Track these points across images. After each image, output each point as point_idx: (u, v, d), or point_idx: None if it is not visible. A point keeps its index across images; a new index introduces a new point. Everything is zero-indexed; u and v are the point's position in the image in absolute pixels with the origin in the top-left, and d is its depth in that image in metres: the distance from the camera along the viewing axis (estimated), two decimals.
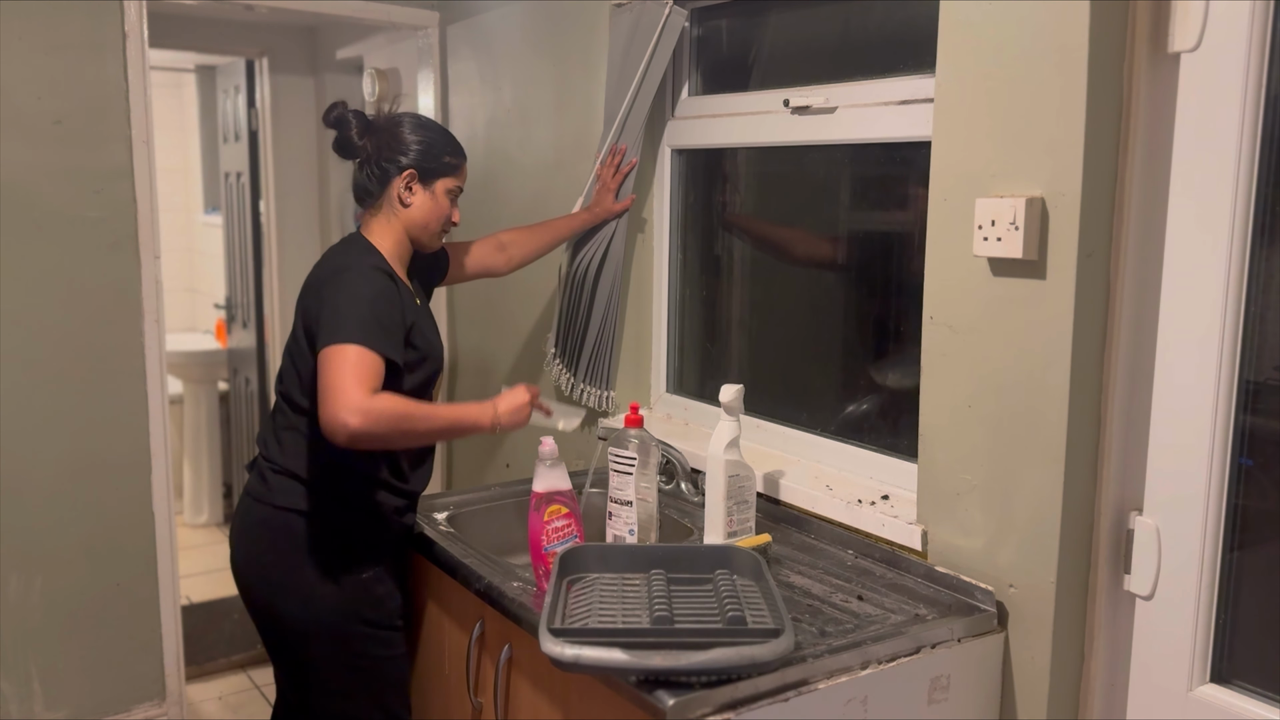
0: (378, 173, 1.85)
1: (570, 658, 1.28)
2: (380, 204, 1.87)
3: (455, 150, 1.91)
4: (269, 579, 1.82)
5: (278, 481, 1.82)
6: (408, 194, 1.85)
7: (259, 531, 1.83)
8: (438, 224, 1.89)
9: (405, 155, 1.84)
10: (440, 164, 1.86)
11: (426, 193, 1.86)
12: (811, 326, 2.14)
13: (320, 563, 1.78)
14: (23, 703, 2.47)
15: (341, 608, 1.79)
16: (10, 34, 2.31)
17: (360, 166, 1.88)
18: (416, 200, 1.85)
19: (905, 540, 1.69)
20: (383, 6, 2.92)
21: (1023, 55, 1.44)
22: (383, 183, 1.85)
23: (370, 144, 1.86)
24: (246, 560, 1.86)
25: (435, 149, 1.86)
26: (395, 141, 1.84)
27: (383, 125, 1.87)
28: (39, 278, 2.39)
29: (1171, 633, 1.45)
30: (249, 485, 1.88)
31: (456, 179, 1.90)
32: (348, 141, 1.87)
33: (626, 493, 1.76)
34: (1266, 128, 1.32)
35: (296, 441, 1.81)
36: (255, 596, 1.86)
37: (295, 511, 1.79)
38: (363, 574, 1.80)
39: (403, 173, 1.84)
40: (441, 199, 1.87)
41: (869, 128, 1.85)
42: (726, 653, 1.28)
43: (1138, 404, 1.47)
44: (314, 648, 1.81)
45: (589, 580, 1.55)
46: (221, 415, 4.61)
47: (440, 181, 1.87)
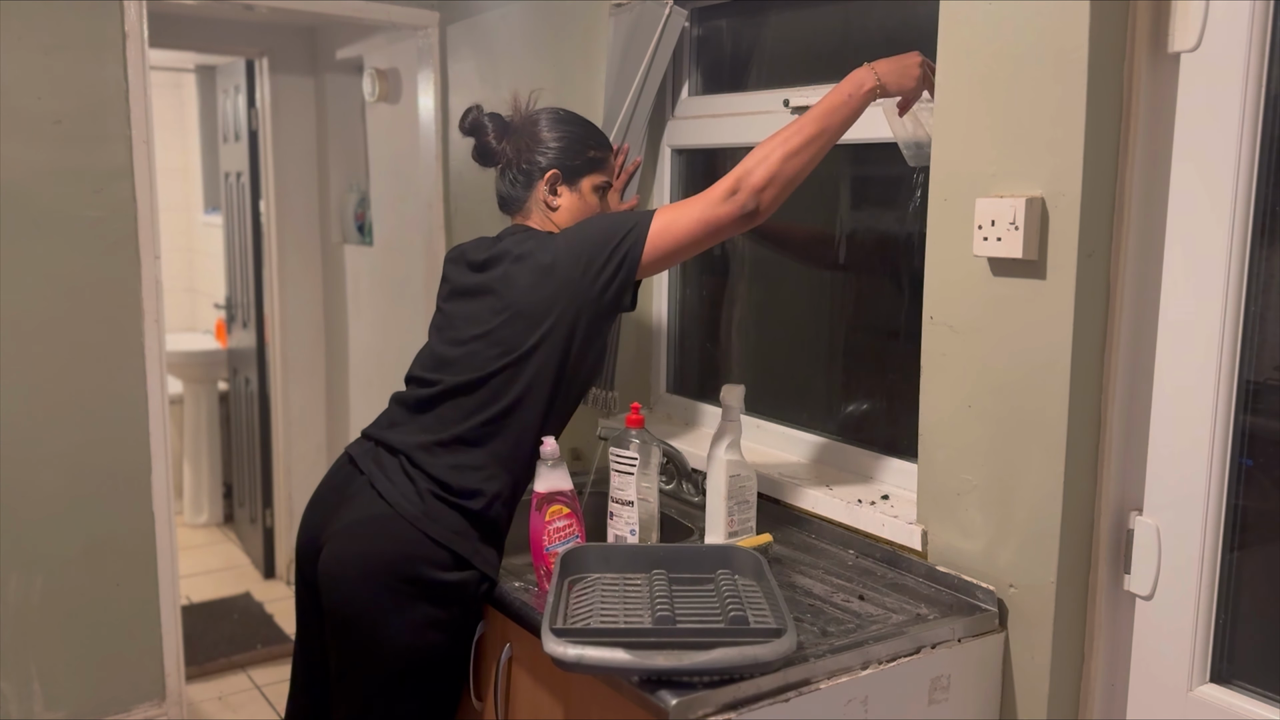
0: (521, 178, 1.76)
1: (573, 658, 1.28)
2: (529, 208, 1.77)
3: (600, 143, 1.80)
4: (384, 603, 1.60)
5: (439, 510, 1.61)
6: (554, 197, 1.76)
7: (402, 549, 1.60)
8: None
9: (545, 155, 1.75)
10: (585, 160, 1.77)
11: (573, 193, 1.77)
12: (812, 326, 2.15)
13: (449, 607, 1.62)
14: (23, 703, 2.47)
15: (444, 652, 1.65)
16: (10, 34, 2.31)
17: (502, 173, 1.79)
18: (564, 202, 1.76)
19: (905, 540, 1.69)
20: (383, 6, 2.92)
21: (1023, 55, 1.44)
22: (527, 187, 1.76)
23: (509, 147, 1.77)
24: (367, 573, 1.61)
25: (579, 144, 1.77)
26: (534, 141, 1.75)
27: (520, 125, 1.78)
28: (39, 278, 2.39)
29: (1171, 633, 1.45)
30: (385, 488, 1.64)
31: (603, 174, 1.80)
32: (486, 148, 1.79)
33: (628, 493, 1.75)
34: (1266, 128, 1.32)
35: (474, 473, 1.63)
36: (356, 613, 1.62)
37: (448, 549, 1.60)
38: (475, 622, 1.67)
39: (545, 174, 1.75)
40: (589, 197, 1.78)
41: (869, 128, 1.84)
42: (729, 653, 1.28)
43: (1138, 404, 1.47)
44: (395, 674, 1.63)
45: (590, 580, 1.55)
46: (221, 415, 4.61)
47: (586, 179, 1.77)
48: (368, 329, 3.71)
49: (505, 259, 1.69)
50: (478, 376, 1.65)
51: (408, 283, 3.32)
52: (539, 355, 1.64)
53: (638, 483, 1.75)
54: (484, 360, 1.65)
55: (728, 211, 1.59)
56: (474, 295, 1.72)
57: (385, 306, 3.56)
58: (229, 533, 4.55)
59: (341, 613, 1.65)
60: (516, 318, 1.64)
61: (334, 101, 3.79)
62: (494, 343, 1.65)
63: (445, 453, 1.65)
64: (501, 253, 1.71)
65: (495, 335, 1.65)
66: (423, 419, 1.69)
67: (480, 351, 1.66)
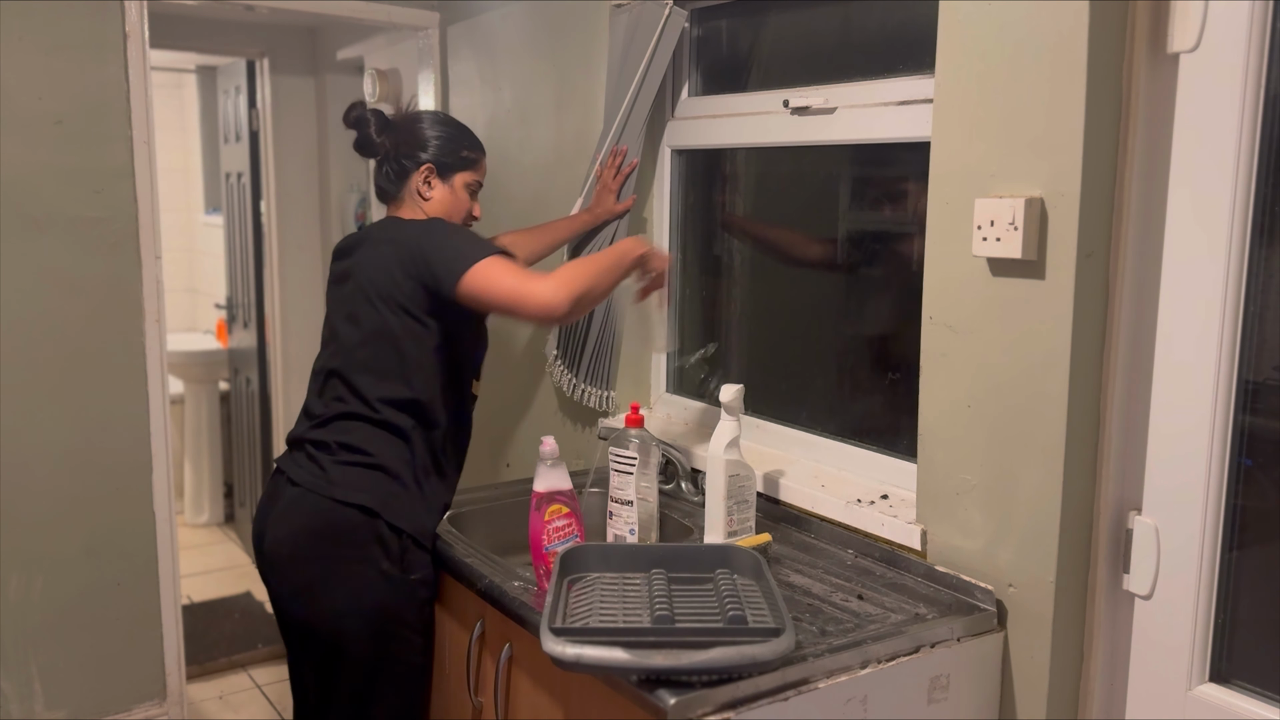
0: (396, 169, 1.90)
1: (571, 657, 1.28)
2: (403, 198, 1.91)
3: (473, 145, 1.95)
4: (315, 571, 1.78)
5: (342, 474, 1.78)
6: (426, 188, 1.89)
7: (313, 521, 1.78)
8: (458, 217, 1.92)
9: (424, 150, 1.89)
10: (458, 158, 1.91)
11: (445, 186, 1.91)
12: (811, 326, 2.15)
13: (376, 560, 1.74)
14: (23, 702, 2.47)
15: (385, 607, 1.76)
16: (10, 34, 2.31)
17: (380, 164, 1.93)
18: (436, 194, 1.90)
19: (905, 540, 1.69)
20: (383, 7, 2.92)
21: (1022, 55, 1.44)
22: (401, 178, 1.90)
23: (389, 141, 1.90)
24: (291, 550, 1.80)
25: (453, 143, 1.91)
26: (413, 138, 1.89)
27: (401, 122, 1.92)
28: (39, 277, 2.40)
29: (1170, 632, 1.45)
30: (295, 473, 1.82)
31: (475, 173, 1.94)
32: (367, 140, 1.91)
33: (627, 492, 1.76)
34: (1266, 128, 1.32)
35: (370, 433, 1.78)
36: (292, 588, 1.82)
37: (358, 507, 1.75)
38: (411, 575, 1.78)
39: (421, 167, 1.89)
40: (460, 193, 1.92)
41: (868, 128, 1.85)
42: (727, 652, 1.28)
43: (1137, 404, 1.47)
44: (351, 643, 1.77)
45: (590, 580, 1.55)
46: (222, 415, 4.62)
47: (459, 175, 1.92)
48: None
49: (365, 244, 1.87)
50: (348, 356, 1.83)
51: None
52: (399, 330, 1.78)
53: (637, 482, 1.75)
54: (353, 341, 1.82)
55: (540, 298, 1.67)
56: (340, 282, 1.90)
57: None
58: (229, 532, 4.55)
59: (286, 599, 1.83)
60: (368, 298, 1.80)
61: (334, 102, 3.79)
62: (356, 323, 1.82)
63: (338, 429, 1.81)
64: (363, 238, 1.90)
65: (357, 316, 1.82)
66: (315, 405, 1.87)
67: (349, 334, 1.83)
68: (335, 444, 1.80)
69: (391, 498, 1.77)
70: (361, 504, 1.75)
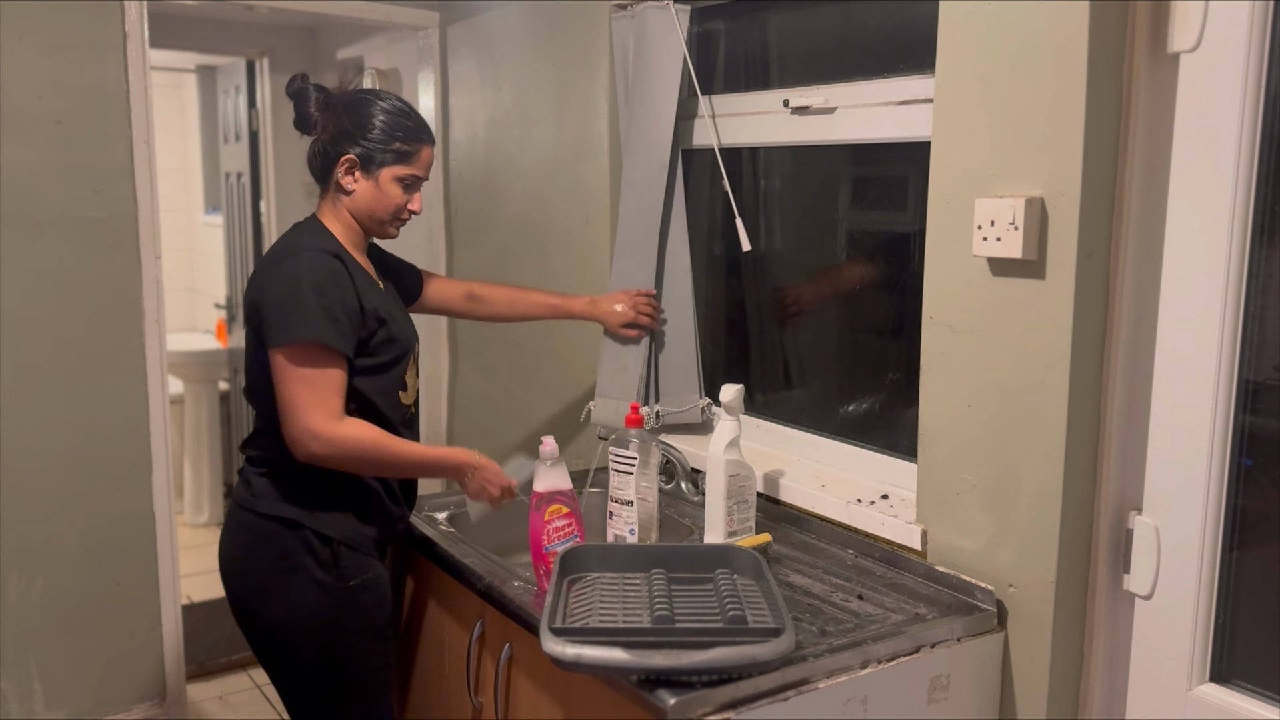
0: (322, 154, 1.77)
1: (571, 657, 1.28)
2: (327, 189, 1.79)
3: (410, 136, 1.76)
4: (252, 586, 1.76)
5: (261, 485, 1.75)
6: (350, 180, 1.75)
7: (242, 537, 1.77)
8: (385, 213, 1.77)
9: (351, 140, 1.73)
10: (388, 151, 1.74)
11: (369, 181, 1.75)
12: (812, 326, 2.15)
13: (305, 570, 1.71)
14: (23, 702, 2.47)
15: (325, 616, 1.72)
16: (10, 34, 2.31)
17: (311, 144, 1.80)
18: (358, 189, 1.75)
19: (905, 540, 1.69)
20: (383, 6, 2.92)
21: (1022, 55, 1.44)
22: (326, 166, 1.77)
23: (324, 120, 1.76)
24: (231, 567, 1.81)
25: (384, 134, 1.74)
26: (346, 123, 1.74)
27: (340, 102, 1.77)
28: (39, 277, 2.40)
29: (1171, 632, 1.45)
30: (235, 489, 1.82)
31: (409, 167, 1.76)
32: (305, 116, 1.78)
33: (627, 492, 1.76)
34: (1266, 128, 1.32)
35: (275, 444, 1.70)
36: (239, 603, 1.80)
37: (278, 519, 1.72)
38: (349, 582, 1.74)
39: (343, 158, 1.74)
40: (388, 187, 1.75)
41: (869, 128, 1.85)
42: (727, 652, 1.28)
43: (1137, 404, 1.47)
44: (298, 656, 1.75)
45: (590, 579, 1.55)
46: (222, 415, 4.61)
47: (387, 170, 1.74)
48: None
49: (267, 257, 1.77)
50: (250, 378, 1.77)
51: None
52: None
53: (637, 482, 1.75)
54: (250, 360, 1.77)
55: (301, 432, 1.62)
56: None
57: None
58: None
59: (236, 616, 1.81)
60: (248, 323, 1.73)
61: None
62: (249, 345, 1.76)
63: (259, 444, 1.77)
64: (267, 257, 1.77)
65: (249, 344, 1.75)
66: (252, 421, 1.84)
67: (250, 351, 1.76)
68: (258, 457, 1.76)
69: (316, 505, 1.72)
70: (283, 515, 1.72)
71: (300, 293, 1.62)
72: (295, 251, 1.68)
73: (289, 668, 1.78)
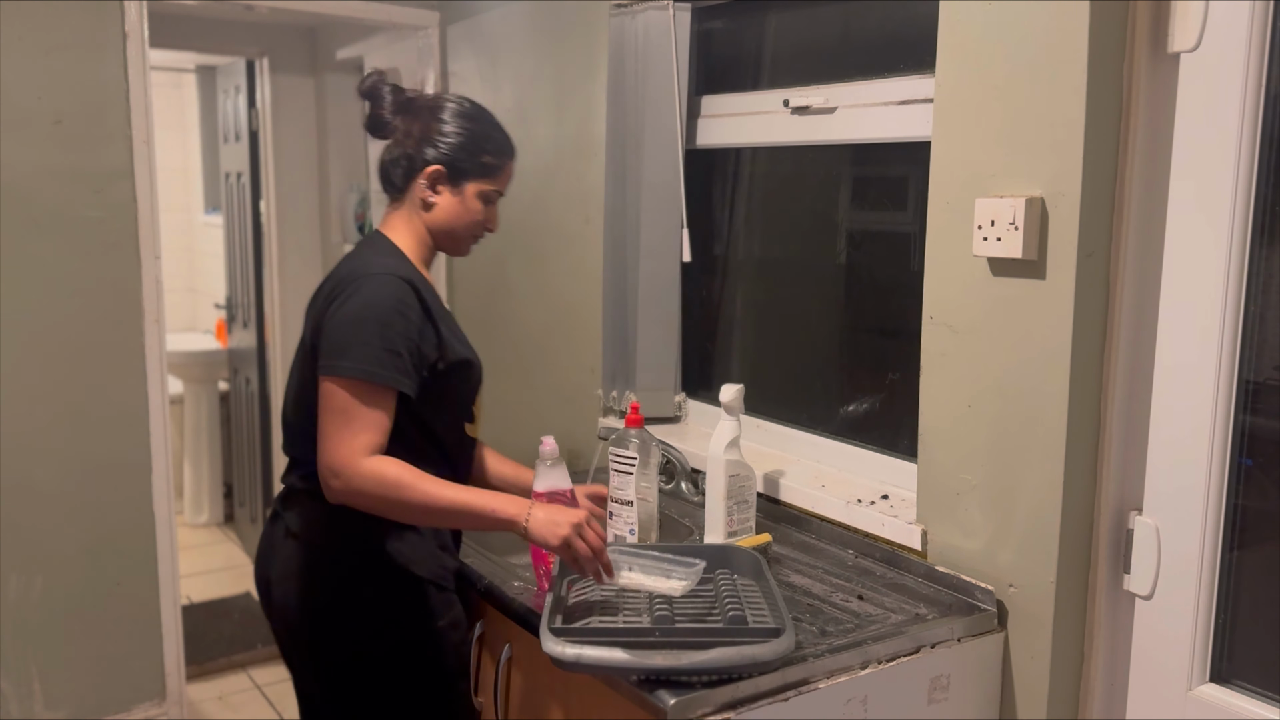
0: (404, 163, 1.63)
1: (571, 657, 1.28)
2: (404, 198, 1.65)
3: (499, 149, 1.67)
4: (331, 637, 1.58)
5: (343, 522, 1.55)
6: (432, 194, 1.63)
7: (318, 580, 1.58)
8: (465, 230, 1.66)
9: (435, 148, 1.61)
10: (476, 163, 1.63)
11: (454, 195, 1.63)
12: (812, 326, 2.15)
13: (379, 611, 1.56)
14: (23, 702, 2.47)
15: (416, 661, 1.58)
16: (10, 34, 2.31)
17: (387, 150, 1.66)
18: (441, 201, 1.63)
19: (905, 540, 1.69)
20: (383, 6, 2.92)
21: (1022, 55, 1.44)
22: (407, 175, 1.63)
23: (403, 125, 1.64)
24: (300, 618, 1.61)
25: (473, 144, 1.63)
26: (428, 129, 1.62)
27: (421, 106, 1.65)
28: (39, 278, 2.39)
29: (1171, 632, 1.45)
30: (293, 523, 1.62)
31: (493, 182, 1.66)
32: (379, 119, 1.66)
33: (627, 492, 1.76)
34: (1266, 128, 1.32)
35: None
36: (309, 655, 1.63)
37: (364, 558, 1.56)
38: (437, 623, 1.59)
39: (428, 168, 1.61)
40: (472, 202, 1.64)
41: (869, 128, 1.85)
42: (727, 652, 1.28)
43: (1137, 404, 1.47)
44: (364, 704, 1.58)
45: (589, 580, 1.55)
46: (222, 415, 4.61)
47: (472, 184, 1.64)
48: None
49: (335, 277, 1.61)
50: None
51: None
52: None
53: (637, 482, 1.75)
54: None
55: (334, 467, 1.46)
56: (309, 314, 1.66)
57: None
58: (229, 532, 4.55)
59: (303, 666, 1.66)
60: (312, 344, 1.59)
61: (334, 101, 3.79)
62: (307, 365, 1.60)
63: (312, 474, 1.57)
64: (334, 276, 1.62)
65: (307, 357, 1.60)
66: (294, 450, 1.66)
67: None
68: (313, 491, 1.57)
69: (399, 542, 1.57)
70: (368, 554, 1.56)
71: (363, 322, 1.49)
72: (366, 274, 1.54)
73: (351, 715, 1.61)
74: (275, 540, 1.65)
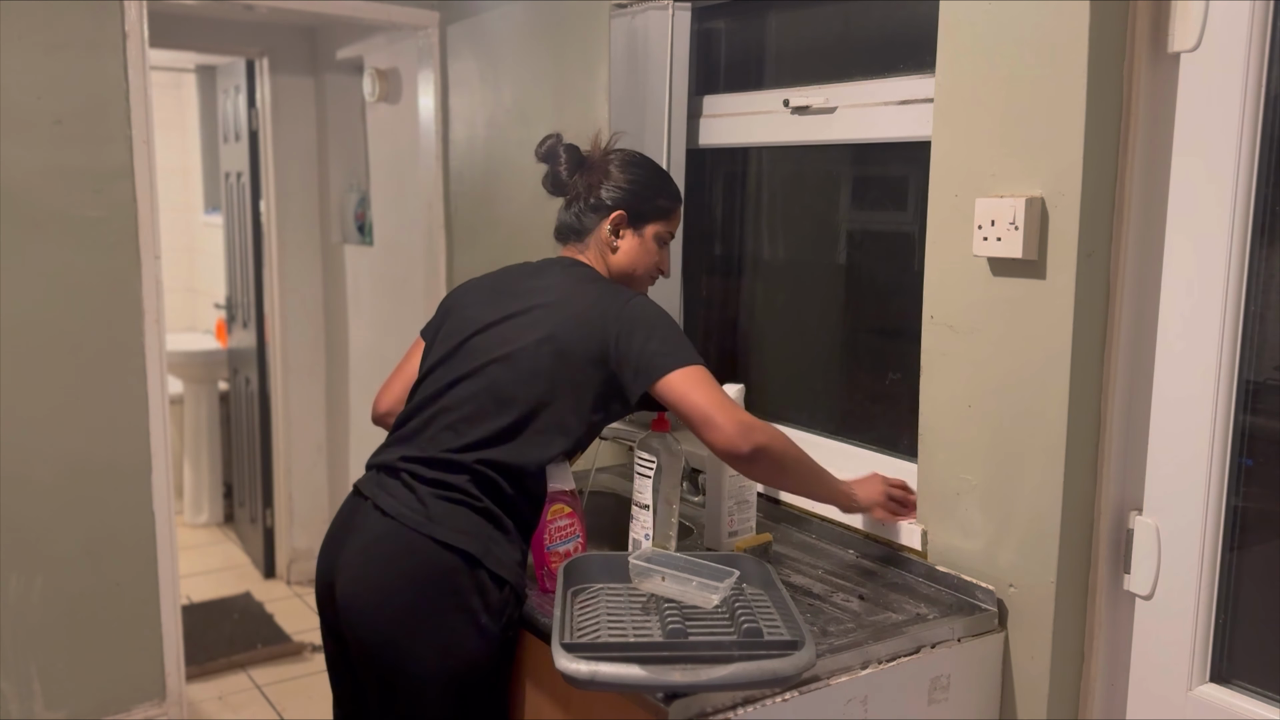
0: (589, 213, 1.73)
1: (586, 674, 1.24)
2: (588, 243, 1.74)
3: (671, 193, 1.77)
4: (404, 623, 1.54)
5: (445, 511, 1.55)
6: (615, 238, 1.72)
7: (406, 564, 1.55)
8: (644, 270, 1.75)
9: (614, 194, 1.72)
10: (652, 206, 1.74)
11: (636, 237, 1.73)
12: (811, 326, 2.15)
13: (475, 613, 1.54)
14: (23, 702, 2.47)
15: (480, 664, 1.55)
16: (10, 34, 2.31)
17: (568, 205, 1.77)
18: (625, 245, 1.73)
19: (905, 540, 1.69)
20: (383, 6, 2.92)
21: (1022, 55, 1.44)
22: (593, 223, 1.73)
23: (581, 181, 1.75)
24: (377, 597, 1.56)
25: (650, 190, 1.74)
26: (606, 178, 1.73)
27: (595, 163, 1.77)
28: (39, 278, 2.39)
29: (1171, 632, 1.45)
30: (386, 502, 1.59)
31: (668, 224, 1.76)
32: (557, 177, 1.77)
33: (645, 496, 1.73)
34: (1266, 128, 1.32)
35: (495, 475, 1.57)
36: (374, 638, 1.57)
37: (461, 552, 1.53)
38: (509, 631, 1.58)
39: (612, 214, 1.72)
40: (650, 244, 1.74)
41: (869, 128, 1.85)
42: (746, 667, 1.25)
43: (1138, 404, 1.47)
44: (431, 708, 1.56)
45: (594, 590, 1.52)
46: (222, 415, 4.61)
47: (651, 226, 1.74)
48: (368, 329, 3.71)
49: (557, 290, 1.67)
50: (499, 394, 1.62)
51: (408, 283, 3.32)
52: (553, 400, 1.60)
53: (662, 488, 1.72)
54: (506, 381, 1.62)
55: (731, 430, 1.53)
56: (511, 316, 1.67)
57: (385, 306, 3.56)
58: (229, 532, 4.55)
59: (366, 645, 1.58)
60: (550, 345, 1.61)
61: (334, 101, 3.79)
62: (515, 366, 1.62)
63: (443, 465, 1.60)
64: (552, 284, 1.69)
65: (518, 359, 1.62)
66: (420, 439, 1.65)
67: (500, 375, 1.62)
68: (434, 479, 1.59)
69: (494, 544, 1.56)
70: (466, 549, 1.53)
71: (671, 325, 1.63)
72: (629, 292, 1.67)
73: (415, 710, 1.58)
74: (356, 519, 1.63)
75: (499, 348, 1.64)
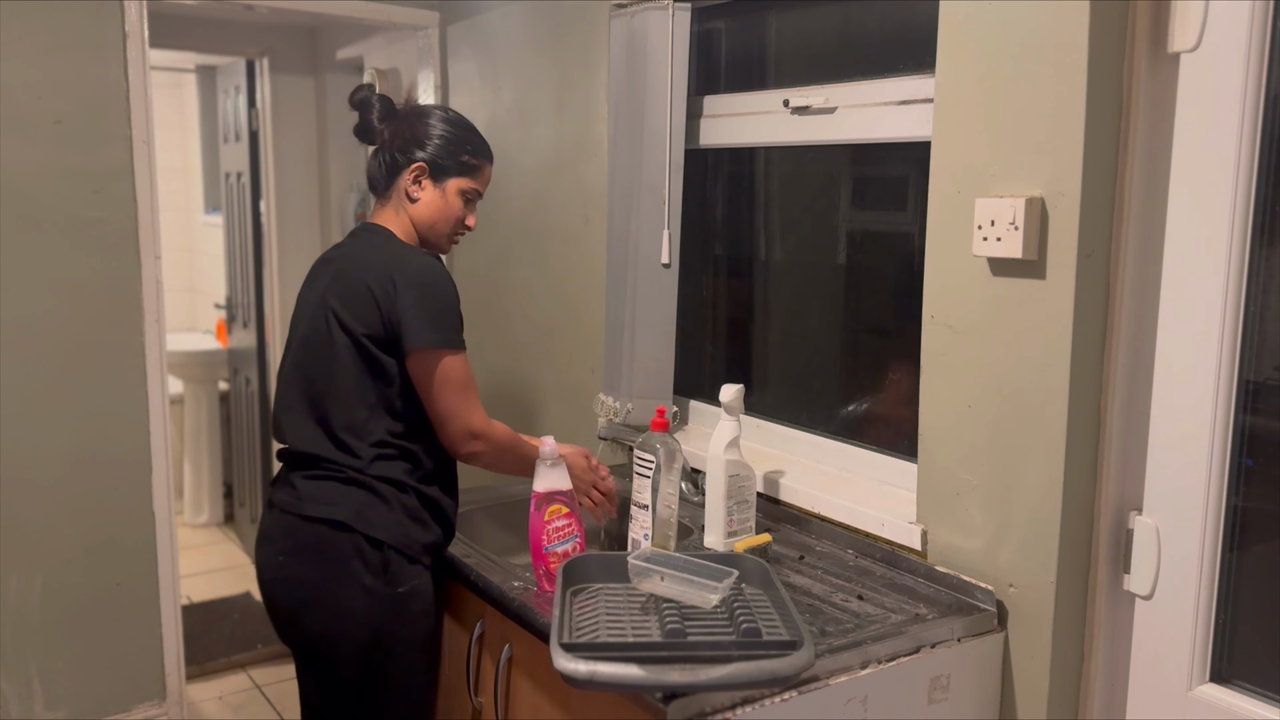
0: (389, 162, 1.79)
1: (585, 674, 1.25)
2: (390, 195, 1.80)
3: (478, 150, 1.82)
4: (298, 595, 1.71)
5: (311, 489, 1.71)
6: (416, 188, 1.78)
7: (286, 544, 1.72)
8: (446, 225, 1.81)
9: (420, 147, 1.77)
10: (455, 162, 1.79)
11: (436, 190, 1.78)
12: (811, 326, 2.15)
13: (357, 576, 1.66)
14: (23, 702, 2.47)
15: (375, 625, 1.68)
16: (10, 34, 2.31)
17: (375, 154, 1.82)
18: (424, 196, 1.78)
19: (905, 540, 1.69)
20: (383, 6, 2.92)
21: (1022, 55, 1.44)
22: (392, 173, 1.79)
23: (388, 131, 1.80)
24: (273, 575, 1.74)
25: (454, 145, 1.79)
26: (413, 132, 1.78)
27: (405, 114, 1.81)
28: (39, 278, 2.39)
29: (1171, 632, 1.45)
30: (275, 496, 1.78)
31: (473, 180, 1.81)
32: (368, 125, 1.82)
33: (644, 496, 1.74)
34: (1266, 128, 1.32)
35: (347, 446, 1.70)
36: (281, 613, 1.76)
37: (328, 522, 1.67)
38: (398, 589, 1.69)
39: (413, 165, 1.77)
40: (452, 199, 1.80)
41: (869, 128, 1.85)
42: (745, 667, 1.26)
43: (1137, 404, 1.47)
44: (343, 668, 1.70)
45: (593, 590, 1.52)
46: (222, 415, 4.61)
47: (453, 180, 1.79)
48: None
49: (349, 259, 1.77)
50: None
51: None
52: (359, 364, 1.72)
53: (661, 487, 1.72)
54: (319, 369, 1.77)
55: (455, 441, 1.72)
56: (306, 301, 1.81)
57: None
58: (229, 532, 4.55)
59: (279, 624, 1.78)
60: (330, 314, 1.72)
61: (334, 101, 3.79)
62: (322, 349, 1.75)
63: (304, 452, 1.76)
64: (347, 253, 1.79)
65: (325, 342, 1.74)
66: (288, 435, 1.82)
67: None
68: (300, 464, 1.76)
69: (365, 508, 1.68)
70: (332, 517, 1.67)
71: (447, 299, 1.70)
72: (412, 258, 1.72)
73: (332, 676, 1.72)
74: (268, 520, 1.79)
75: (300, 328, 1.78)
